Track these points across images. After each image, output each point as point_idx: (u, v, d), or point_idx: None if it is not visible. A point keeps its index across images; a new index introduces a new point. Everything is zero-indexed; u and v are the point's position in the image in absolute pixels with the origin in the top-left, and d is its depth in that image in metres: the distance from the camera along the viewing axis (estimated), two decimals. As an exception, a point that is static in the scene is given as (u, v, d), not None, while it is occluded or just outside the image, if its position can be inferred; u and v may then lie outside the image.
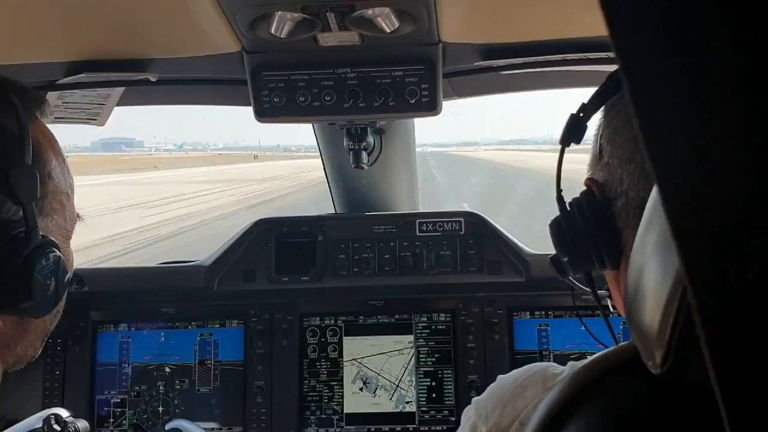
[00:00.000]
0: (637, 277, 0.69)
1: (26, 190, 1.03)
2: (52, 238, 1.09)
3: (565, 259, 1.12)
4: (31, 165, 1.05)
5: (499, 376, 1.13)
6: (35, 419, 2.04)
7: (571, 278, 1.20)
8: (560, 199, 1.12)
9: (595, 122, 1.10)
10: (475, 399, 1.13)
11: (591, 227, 1.03)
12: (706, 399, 0.67)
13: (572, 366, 1.01)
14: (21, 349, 1.13)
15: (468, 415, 1.11)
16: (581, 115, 1.11)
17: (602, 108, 1.07)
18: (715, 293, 0.46)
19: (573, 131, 1.11)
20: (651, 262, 0.65)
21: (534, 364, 1.10)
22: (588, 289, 1.21)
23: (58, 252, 1.09)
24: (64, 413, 2.06)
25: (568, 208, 1.09)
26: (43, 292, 1.07)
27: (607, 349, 0.84)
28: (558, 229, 1.11)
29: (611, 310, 1.22)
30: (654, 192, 0.68)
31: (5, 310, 1.06)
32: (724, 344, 0.47)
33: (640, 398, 0.76)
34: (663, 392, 0.72)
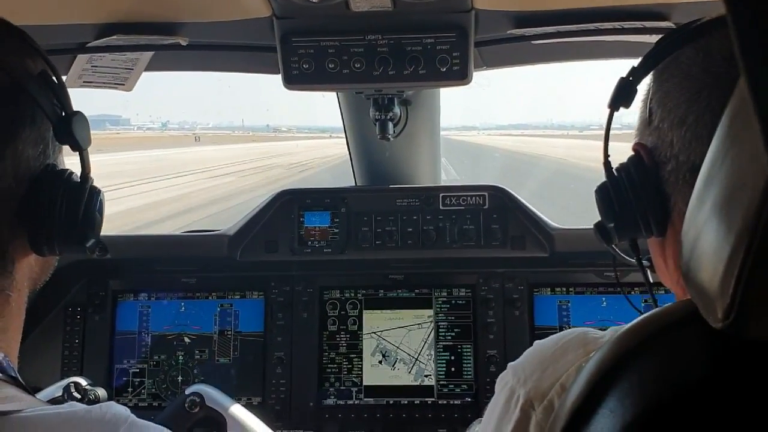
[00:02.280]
0: (696, 233, 0.69)
1: (84, 137, 1.09)
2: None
3: (611, 225, 1.11)
4: (80, 111, 1.09)
5: (537, 342, 1.12)
6: (55, 388, 2.06)
7: (614, 246, 1.19)
8: (607, 164, 1.12)
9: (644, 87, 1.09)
10: (511, 364, 1.12)
11: (639, 192, 1.03)
12: None
13: (614, 330, 1.01)
14: (38, 286, 1.16)
15: (505, 380, 1.10)
16: (631, 78, 1.10)
17: (652, 72, 1.06)
18: None
19: (622, 94, 1.11)
20: (712, 218, 0.65)
21: (573, 328, 1.09)
22: (630, 259, 1.21)
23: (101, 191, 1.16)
24: (83, 382, 2.08)
25: (616, 174, 1.09)
26: (100, 229, 1.15)
27: (661, 307, 0.83)
28: (604, 194, 1.11)
29: (650, 280, 1.22)
30: (713, 148, 0.68)
31: (72, 248, 1.11)
32: None
33: (699, 353, 0.75)
34: (723, 347, 0.71)
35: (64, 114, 1.07)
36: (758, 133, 0.52)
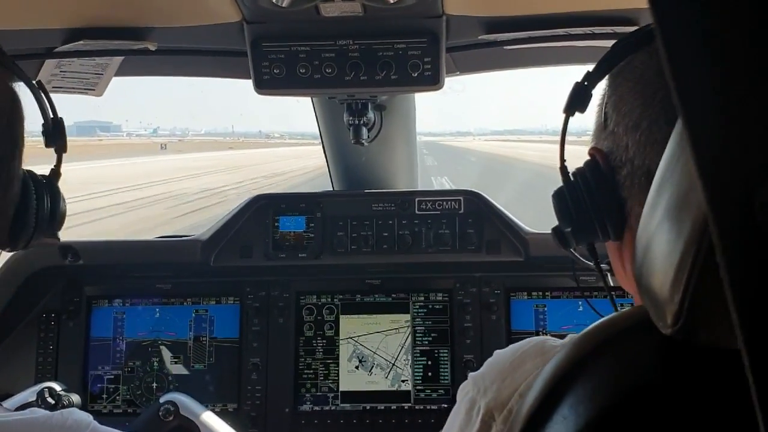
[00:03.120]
0: (648, 239, 0.69)
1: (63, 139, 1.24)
2: None
3: (568, 229, 1.11)
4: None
5: (496, 351, 1.12)
6: (29, 393, 2.04)
7: (572, 250, 1.19)
8: (563, 169, 1.12)
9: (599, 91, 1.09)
10: (471, 374, 1.11)
11: (595, 197, 1.03)
12: (718, 361, 0.67)
13: (571, 338, 1.01)
14: None
15: (465, 390, 1.10)
16: (586, 83, 1.10)
17: (607, 76, 1.06)
18: (739, 233, 0.45)
19: (577, 99, 1.11)
20: (664, 223, 0.65)
21: (532, 338, 1.09)
22: (589, 263, 1.21)
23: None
24: (57, 387, 2.06)
25: (572, 179, 1.09)
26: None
27: (614, 314, 0.84)
28: (561, 199, 1.10)
29: (611, 284, 1.22)
30: (667, 153, 0.67)
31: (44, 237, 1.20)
32: (749, 288, 0.46)
33: (650, 359, 0.75)
34: (673, 353, 0.72)
35: (54, 119, 1.22)
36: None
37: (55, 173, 1.24)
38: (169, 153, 57.51)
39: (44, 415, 0.93)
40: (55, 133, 1.22)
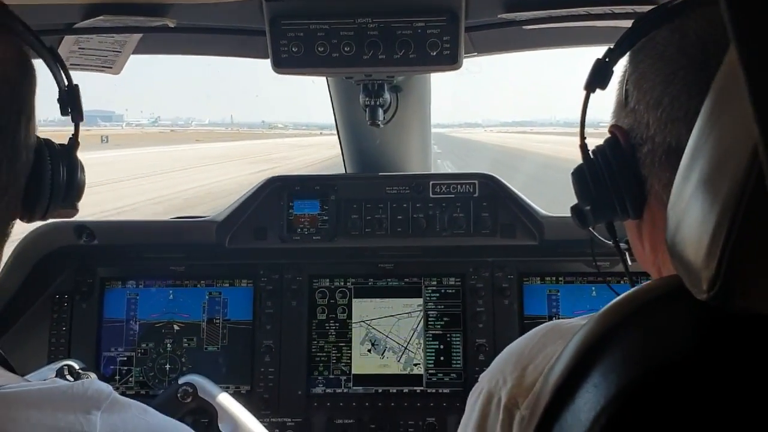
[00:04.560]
0: (682, 208, 0.69)
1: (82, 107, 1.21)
2: None
3: (588, 207, 1.11)
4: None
5: (506, 348, 1.11)
6: (47, 369, 2.04)
7: (591, 229, 1.19)
8: (584, 147, 1.12)
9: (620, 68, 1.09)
10: (482, 375, 1.10)
11: (615, 174, 1.03)
12: (752, 328, 0.67)
13: (591, 317, 1.01)
14: None
15: (478, 390, 1.08)
16: (607, 60, 1.10)
17: (628, 54, 1.06)
18: None
19: (598, 76, 1.11)
20: (698, 191, 0.66)
21: (541, 325, 1.08)
22: (608, 242, 1.21)
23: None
24: (76, 365, 2.07)
25: (592, 156, 1.09)
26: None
27: (643, 284, 0.83)
28: (581, 177, 1.11)
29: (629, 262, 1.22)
30: (699, 124, 0.68)
31: (67, 210, 1.20)
32: None
33: (683, 327, 0.75)
34: (708, 321, 0.72)
35: (69, 85, 1.19)
36: (747, 101, 0.51)
37: (73, 143, 1.21)
38: (110, 148, 51.52)
39: (65, 384, 0.93)
40: (69, 101, 1.19)
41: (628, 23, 1.69)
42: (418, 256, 2.51)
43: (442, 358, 2.44)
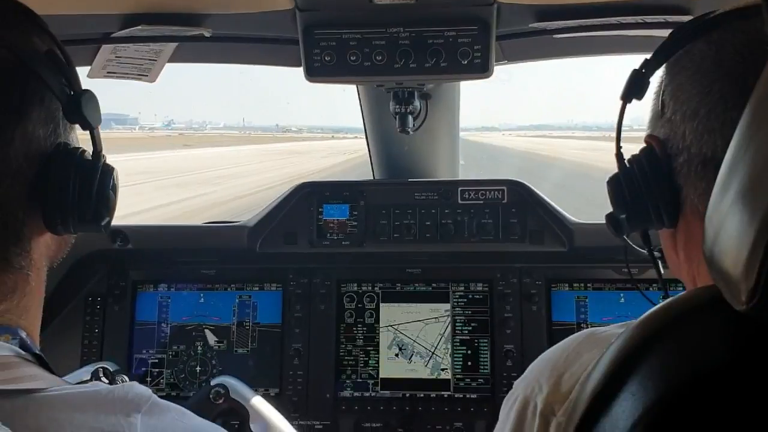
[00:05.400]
0: (720, 218, 0.70)
1: (94, 115, 1.07)
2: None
3: (623, 216, 1.12)
4: (90, 90, 1.07)
5: (540, 356, 1.12)
6: (83, 372, 2.08)
7: (625, 237, 1.20)
8: (619, 155, 1.13)
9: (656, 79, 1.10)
10: (517, 382, 1.11)
11: (651, 183, 1.04)
12: None
13: (619, 325, 1.01)
14: (55, 264, 1.14)
15: (513, 397, 1.09)
16: (644, 71, 1.11)
17: (664, 64, 1.07)
18: None
19: (635, 87, 1.12)
20: (737, 202, 0.66)
21: (576, 333, 1.08)
22: (642, 250, 1.22)
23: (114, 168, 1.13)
24: (111, 368, 2.11)
25: (628, 165, 1.10)
26: (114, 208, 1.13)
27: (679, 294, 0.84)
28: (616, 185, 1.11)
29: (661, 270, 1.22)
30: (737, 136, 0.69)
31: (88, 227, 1.09)
32: None
33: (721, 337, 0.75)
34: (746, 332, 0.72)
35: (72, 93, 1.05)
36: None
37: (93, 153, 1.09)
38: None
39: (106, 388, 0.95)
40: (70, 108, 1.04)
41: (658, 32, 1.71)
42: (445, 262, 2.52)
43: (469, 364, 2.45)
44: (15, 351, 0.95)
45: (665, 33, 1.70)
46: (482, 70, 1.75)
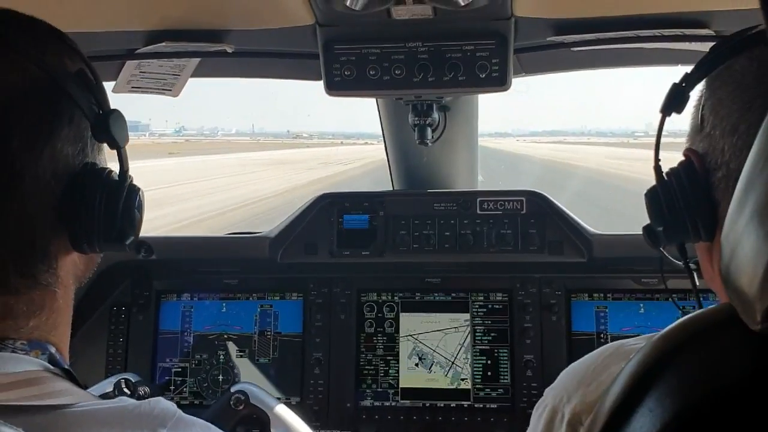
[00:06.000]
0: (736, 237, 0.70)
1: (121, 135, 1.07)
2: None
3: (660, 228, 1.12)
4: (117, 109, 1.08)
5: (570, 365, 1.12)
6: (106, 383, 2.12)
7: (662, 249, 1.20)
8: (658, 168, 1.13)
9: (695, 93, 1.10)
10: (547, 390, 1.12)
11: (689, 197, 1.04)
12: None
13: (647, 337, 1.02)
14: (83, 282, 1.14)
15: (543, 405, 1.10)
16: (684, 84, 1.11)
17: (704, 79, 1.07)
18: None
19: (675, 100, 1.12)
20: (753, 221, 0.66)
21: (607, 345, 1.09)
22: (678, 263, 1.22)
23: (140, 188, 1.14)
24: (133, 379, 2.14)
25: (666, 178, 1.10)
26: (140, 227, 1.13)
27: (699, 310, 0.85)
28: (654, 198, 1.12)
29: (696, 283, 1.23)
30: (753, 153, 0.69)
31: (112, 246, 1.09)
32: None
33: (739, 355, 0.75)
34: (764, 348, 0.72)
35: (101, 112, 1.05)
36: None
37: (120, 173, 1.09)
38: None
39: (132, 403, 0.96)
40: (98, 127, 1.04)
41: (677, 46, 1.71)
42: (465, 272, 2.53)
43: (489, 374, 2.46)
44: (44, 366, 0.97)
45: (683, 46, 1.72)
46: (500, 83, 1.77)
